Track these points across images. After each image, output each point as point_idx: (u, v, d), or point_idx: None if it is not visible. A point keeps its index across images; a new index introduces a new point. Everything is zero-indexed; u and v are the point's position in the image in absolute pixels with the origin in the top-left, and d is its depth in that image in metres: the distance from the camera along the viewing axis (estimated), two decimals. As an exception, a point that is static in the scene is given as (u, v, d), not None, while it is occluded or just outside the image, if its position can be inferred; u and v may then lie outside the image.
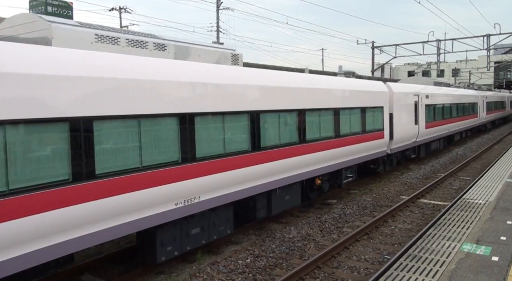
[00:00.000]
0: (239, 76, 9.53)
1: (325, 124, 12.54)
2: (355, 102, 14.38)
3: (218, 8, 37.90)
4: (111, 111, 6.68)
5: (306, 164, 11.65)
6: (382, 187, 16.25)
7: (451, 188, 16.32)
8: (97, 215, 6.51)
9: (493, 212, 10.22)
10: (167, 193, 7.59)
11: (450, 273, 6.74)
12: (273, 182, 10.43)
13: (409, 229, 11.33)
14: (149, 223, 7.38)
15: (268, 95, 10.15)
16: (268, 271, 8.66)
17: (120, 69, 6.96)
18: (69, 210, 6.14)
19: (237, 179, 9.20)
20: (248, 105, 9.54)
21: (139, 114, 7.09)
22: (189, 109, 8.01)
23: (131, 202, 6.98)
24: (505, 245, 7.93)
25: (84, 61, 6.56)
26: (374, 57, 39.29)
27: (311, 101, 11.86)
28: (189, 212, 8.18)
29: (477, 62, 67.07)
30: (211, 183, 8.50)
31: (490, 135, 37.90)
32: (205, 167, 8.35)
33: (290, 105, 10.96)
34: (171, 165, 7.66)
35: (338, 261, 9.20)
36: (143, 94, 7.16)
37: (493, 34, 31.37)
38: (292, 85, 11.14)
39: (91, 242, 6.55)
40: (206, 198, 8.50)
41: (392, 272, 6.92)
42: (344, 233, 11.00)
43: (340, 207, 13.28)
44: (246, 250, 9.65)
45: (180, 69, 8.16)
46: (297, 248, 9.89)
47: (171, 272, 8.67)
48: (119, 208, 6.81)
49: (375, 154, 16.09)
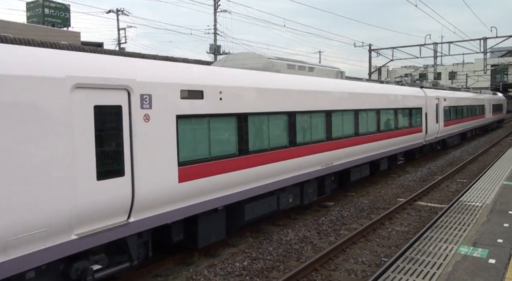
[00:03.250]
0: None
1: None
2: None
3: (215, 10, 37.95)
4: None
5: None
6: (379, 190, 16.26)
7: (448, 190, 16.34)
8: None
9: (490, 215, 10.24)
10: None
11: (447, 275, 6.74)
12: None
13: (406, 232, 11.34)
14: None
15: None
16: (265, 273, 8.64)
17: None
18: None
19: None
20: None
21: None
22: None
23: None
24: (502, 247, 7.94)
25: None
26: (371, 60, 39.41)
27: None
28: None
29: (474, 65, 67.26)
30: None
31: (487, 138, 38.02)
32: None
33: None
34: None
35: (336, 264, 9.19)
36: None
37: (490, 37, 31.48)
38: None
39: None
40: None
41: (389, 274, 6.93)
42: (342, 236, 11.00)
43: (337, 210, 13.28)
44: (243, 252, 9.63)
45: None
46: (294, 251, 9.88)
47: (168, 275, 8.65)
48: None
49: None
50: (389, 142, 17.08)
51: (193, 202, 8.27)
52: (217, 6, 37.86)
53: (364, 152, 15.00)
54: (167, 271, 8.80)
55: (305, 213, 13.09)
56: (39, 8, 33.70)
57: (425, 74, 66.32)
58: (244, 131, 9.53)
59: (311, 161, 11.93)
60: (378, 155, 16.22)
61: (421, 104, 20.89)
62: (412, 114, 19.64)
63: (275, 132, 10.63)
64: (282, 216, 12.56)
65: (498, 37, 31.16)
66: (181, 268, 8.96)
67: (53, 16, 34.19)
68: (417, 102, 20.43)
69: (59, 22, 34.27)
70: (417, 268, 7.10)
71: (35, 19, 33.18)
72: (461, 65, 66.00)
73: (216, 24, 37.83)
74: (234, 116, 9.31)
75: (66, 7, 35.19)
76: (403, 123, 18.53)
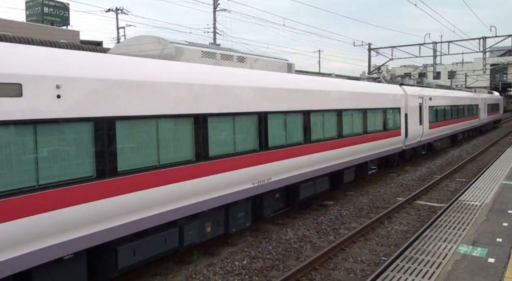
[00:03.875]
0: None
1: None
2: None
3: (215, 9, 37.90)
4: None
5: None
6: (379, 189, 16.27)
7: (447, 190, 16.35)
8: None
9: (489, 214, 10.25)
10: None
11: (447, 274, 6.75)
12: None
13: (405, 231, 11.35)
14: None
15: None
16: (265, 272, 8.64)
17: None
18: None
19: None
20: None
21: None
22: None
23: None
24: (501, 246, 7.95)
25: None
26: (371, 59, 39.35)
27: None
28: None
29: (473, 65, 67.28)
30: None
31: (486, 137, 38.04)
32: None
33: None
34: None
35: (335, 263, 9.19)
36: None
37: (489, 36, 31.44)
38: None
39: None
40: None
41: (389, 273, 6.93)
42: (341, 235, 11.00)
43: (336, 209, 13.29)
44: (243, 251, 9.63)
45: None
46: (293, 250, 9.88)
47: (167, 273, 8.65)
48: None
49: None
50: (356, 149, 14.52)
51: None
52: (216, 5, 37.82)
53: (318, 163, 12.40)
54: (166, 270, 8.80)
55: (304, 212, 13.10)
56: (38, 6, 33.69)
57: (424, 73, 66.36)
58: (108, 142, 6.79)
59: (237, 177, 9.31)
60: (340, 164, 13.64)
61: (400, 104, 18.48)
62: (387, 115, 17.10)
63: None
64: (281, 215, 12.56)
65: (497, 36, 31.11)
66: (180, 267, 8.96)
67: (52, 14, 34.19)
68: (395, 101, 17.94)
69: (58, 20, 34.29)
70: (417, 267, 7.10)
71: (34, 18, 33.16)
72: (460, 64, 66.13)
73: (215, 23, 37.80)
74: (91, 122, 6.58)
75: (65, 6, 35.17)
76: (375, 126, 15.98)
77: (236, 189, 9.37)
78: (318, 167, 12.30)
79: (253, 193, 9.92)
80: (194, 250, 9.45)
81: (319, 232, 11.15)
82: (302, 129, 11.57)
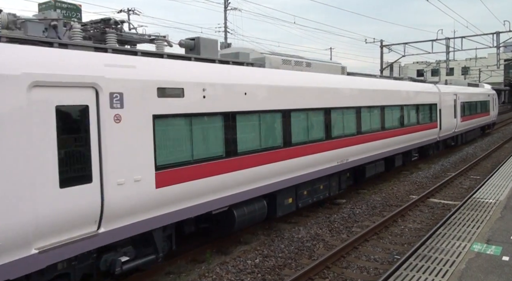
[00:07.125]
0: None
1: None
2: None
3: (225, 8, 37.97)
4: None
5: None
6: (392, 187, 16.17)
7: (461, 187, 16.20)
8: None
9: (503, 212, 10.13)
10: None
11: (460, 273, 6.70)
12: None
13: (419, 229, 11.27)
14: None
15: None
16: (277, 271, 8.66)
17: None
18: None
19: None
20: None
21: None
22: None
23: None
24: (516, 244, 7.85)
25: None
26: (383, 56, 39.09)
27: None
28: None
29: (487, 60, 66.39)
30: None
31: (500, 133, 37.53)
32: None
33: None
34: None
35: (348, 261, 9.18)
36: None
37: (503, 31, 31.04)
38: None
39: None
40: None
41: (402, 272, 6.90)
42: (354, 233, 10.97)
43: (349, 207, 13.25)
44: (255, 250, 9.66)
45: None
46: (306, 248, 9.89)
47: (180, 272, 8.71)
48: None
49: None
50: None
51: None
52: (227, 4, 37.88)
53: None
54: (179, 269, 8.87)
55: (317, 210, 13.08)
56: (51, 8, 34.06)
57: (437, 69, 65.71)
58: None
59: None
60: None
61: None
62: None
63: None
64: (294, 214, 12.57)
65: (511, 31, 30.70)
66: (193, 266, 9.03)
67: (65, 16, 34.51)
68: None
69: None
70: (430, 266, 7.06)
71: (47, 20, 33.49)
72: (474, 60, 65.27)
73: (226, 22, 37.87)
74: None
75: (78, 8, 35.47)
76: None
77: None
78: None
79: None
80: (207, 249, 9.51)
81: (332, 231, 11.14)
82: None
